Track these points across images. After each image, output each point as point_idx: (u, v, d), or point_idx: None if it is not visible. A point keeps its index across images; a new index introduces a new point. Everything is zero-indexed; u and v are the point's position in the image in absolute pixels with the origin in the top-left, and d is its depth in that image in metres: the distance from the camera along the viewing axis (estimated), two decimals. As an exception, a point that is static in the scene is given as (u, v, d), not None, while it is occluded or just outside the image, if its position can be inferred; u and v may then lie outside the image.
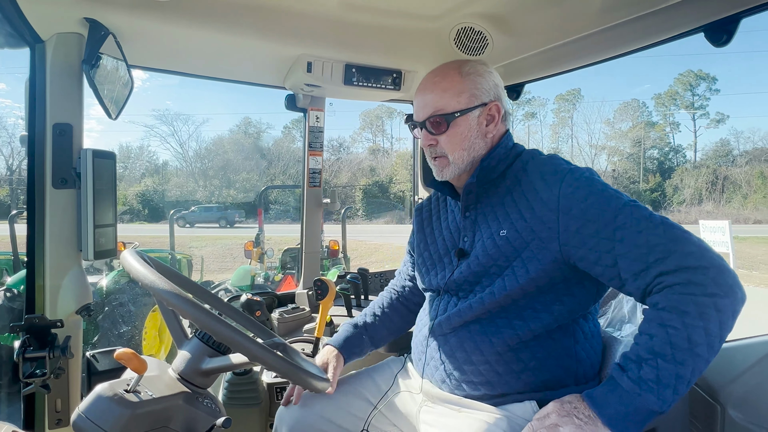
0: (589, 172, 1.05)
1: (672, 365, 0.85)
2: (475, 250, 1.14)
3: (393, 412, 1.27)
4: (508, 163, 1.17)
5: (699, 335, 0.84)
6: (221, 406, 0.96)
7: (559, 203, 1.02)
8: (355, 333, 1.41)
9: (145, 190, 34.76)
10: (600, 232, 0.96)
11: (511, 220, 1.08)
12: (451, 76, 1.16)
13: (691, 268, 0.87)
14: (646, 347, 0.88)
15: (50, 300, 1.42)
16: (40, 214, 1.41)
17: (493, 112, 1.17)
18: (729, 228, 13.25)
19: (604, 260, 0.96)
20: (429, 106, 1.16)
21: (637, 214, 0.95)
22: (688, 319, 0.85)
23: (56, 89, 1.38)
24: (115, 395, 0.74)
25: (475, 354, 1.10)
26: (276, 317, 1.92)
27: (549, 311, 1.06)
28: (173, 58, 1.69)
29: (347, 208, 6.98)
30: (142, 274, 0.80)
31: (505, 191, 1.14)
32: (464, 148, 1.16)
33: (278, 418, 1.30)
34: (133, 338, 4.76)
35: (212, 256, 14.99)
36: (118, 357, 0.76)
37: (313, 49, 1.63)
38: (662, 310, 0.88)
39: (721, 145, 38.67)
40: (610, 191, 1.01)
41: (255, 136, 42.79)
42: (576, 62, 1.68)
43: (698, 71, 39.35)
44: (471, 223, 1.19)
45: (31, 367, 1.27)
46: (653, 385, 0.85)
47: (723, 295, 0.85)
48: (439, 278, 1.23)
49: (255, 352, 0.79)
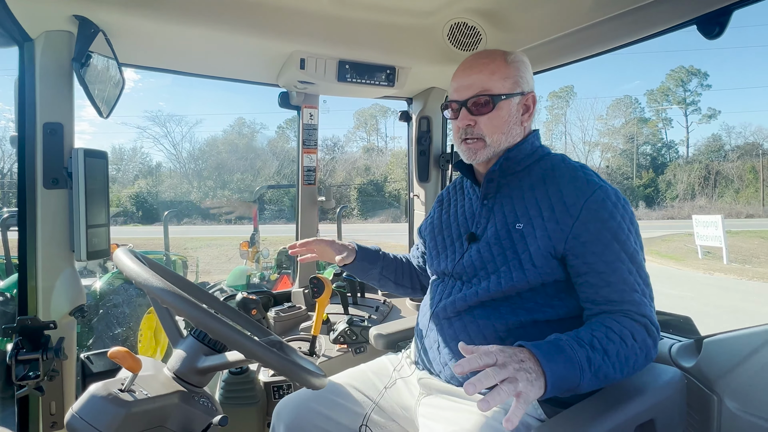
0: (616, 195, 1.09)
1: (610, 366, 0.92)
2: (487, 236, 1.16)
3: (391, 407, 1.27)
4: (534, 159, 1.19)
5: (629, 363, 0.95)
6: (218, 404, 0.95)
7: (580, 213, 1.05)
8: (374, 252, 1.53)
9: (139, 191, 34.56)
10: (602, 255, 1.03)
11: (530, 216, 1.11)
12: (499, 61, 1.18)
13: (653, 324, 1.00)
14: (601, 341, 0.93)
15: (43, 301, 1.40)
16: (32, 215, 1.39)
17: (530, 102, 1.21)
18: (722, 222, 13.37)
19: (591, 277, 1.04)
20: (475, 86, 1.17)
21: (635, 258, 1.05)
22: (636, 346, 0.96)
23: (46, 88, 1.36)
24: (110, 395, 0.73)
25: (478, 338, 1.12)
26: (272, 316, 1.91)
27: (551, 305, 1.09)
28: (164, 56, 1.67)
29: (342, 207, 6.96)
30: (135, 272, 0.79)
31: (528, 186, 1.16)
32: (503, 132, 1.17)
33: (275, 415, 1.29)
34: (128, 340, 4.72)
35: (208, 257, 14.92)
36: (112, 355, 0.75)
37: (306, 45, 1.62)
38: (623, 326, 0.97)
39: (713, 141, 39.05)
40: (625, 225, 1.06)
41: (249, 137, 42.67)
42: (570, 56, 1.68)
43: (690, 67, 39.69)
44: (488, 211, 1.20)
45: (24, 370, 1.26)
46: (595, 369, 0.90)
47: (652, 354, 1.00)
48: (448, 261, 1.25)
49: (251, 348, 0.79)
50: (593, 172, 1.15)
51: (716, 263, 12.98)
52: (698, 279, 11.11)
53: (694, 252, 14.67)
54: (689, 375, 1.26)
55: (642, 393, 1.05)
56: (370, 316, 1.99)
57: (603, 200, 1.06)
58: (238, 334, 0.77)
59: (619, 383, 1.09)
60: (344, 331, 1.73)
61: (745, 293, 9.05)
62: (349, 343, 1.73)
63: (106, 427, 0.71)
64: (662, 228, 23.29)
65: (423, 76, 1.96)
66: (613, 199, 1.07)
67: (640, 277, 1.04)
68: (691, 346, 1.32)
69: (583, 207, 1.06)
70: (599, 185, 1.08)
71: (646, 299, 1.03)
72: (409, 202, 2.38)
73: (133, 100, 61.87)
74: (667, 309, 1.53)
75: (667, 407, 1.07)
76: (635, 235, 1.08)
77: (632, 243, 1.05)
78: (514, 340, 1.07)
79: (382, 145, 45.47)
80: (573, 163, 1.17)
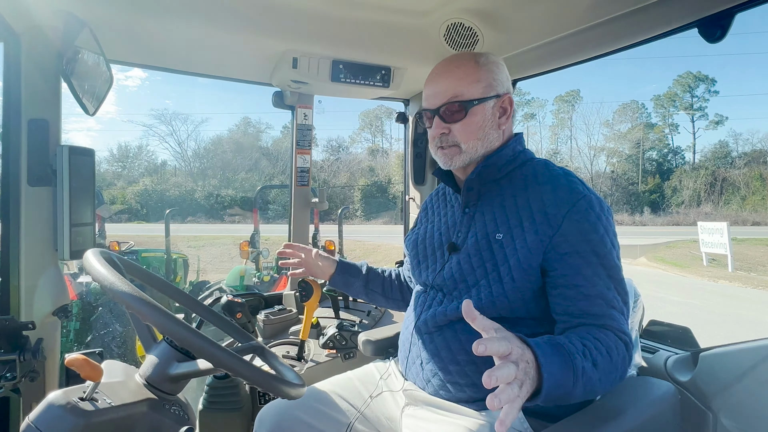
0: (599, 206, 1.04)
1: (597, 381, 0.87)
2: (467, 246, 1.12)
3: (376, 416, 1.23)
4: (515, 165, 1.15)
5: (613, 380, 0.91)
6: (191, 412, 0.92)
7: (561, 224, 1.01)
8: (356, 266, 1.52)
9: (144, 189, 34.71)
10: (581, 268, 0.99)
11: (509, 226, 1.06)
12: (468, 65, 1.13)
13: (629, 337, 0.96)
14: (591, 351, 0.88)
15: (25, 301, 1.38)
16: (15, 213, 1.36)
17: (506, 104, 1.15)
18: (727, 229, 13.27)
19: (567, 290, 0.99)
20: (444, 92, 1.13)
21: (615, 274, 1.00)
22: (618, 361, 0.92)
23: (31, 84, 1.34)
24: (68, 404, 0.69)
25: (461, 354, 1.07)
26: (262, 319, 1.88)
27: (535, 319, 1.05)
28: (153, 53, 1.64)
29: (344, 208, 6.93)
30: (101, 275, 0.76)
31: (509, 194, 1.11)
32: (478, 138, 1.13)
33: (258, 422, 1.26)
34: (126, 340, 4.71)
35: (210, 255, 14.94)
36: (68, 363, 0.72)
37: (299, 44, 1.59)
38: (609, 340, 0.92)
39: (719, 147, 38.76)
40: (608, 239, 1.01)
41: (254, 136, 42.79)
42: (569, 58, 1.64)
43: (697, 73, 39.45)
44: (469, 220, 1.16)
45: (2, 371, 1.23)
46: (582, 378, 0.84)
47: (626, 373, 0.96)
48: (429, 272, 1.21)
49: (219, 357, 0.75)
50: (578, 179, 1.10)
51: (721, 271, 12.86)
52: (702, 287, 11.00)
53: (699, 259, 14.55)
54: (684, 389, 1.22)
55: (633, 407, 1.02)
56: (361, 320, 1.95)
57: (586, 211, 1.01)
58: (204, 341, 0.74)
59: (609, 396, 1.06)
60: (334, 335, 1.69)
61: (750, 302, 8.95)
62: (338, 348, 1.70)
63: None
64: (667, 234, 23.12)
65: (419, 77, 1.91)
66: (597, 210, 1.03)
67: (618, 293, 0.99)
68: (687, 359, 1.28)
69: (564, 217, 1.01)
70: (583, 194, 1.03)
71: (624, 317, 0.99)
72: (405, 206, 2.34)
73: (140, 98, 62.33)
74: (669, 316, 1.49)
75: (660, 423, 1.03)
76: (617, 249, 1.04)
77: (613, 258, 1.01)
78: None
79: (387, 146, 45.47)
80: (556, 170, 1.12)
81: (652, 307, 1.55)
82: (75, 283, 4.98)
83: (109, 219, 10.19)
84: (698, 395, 1.19)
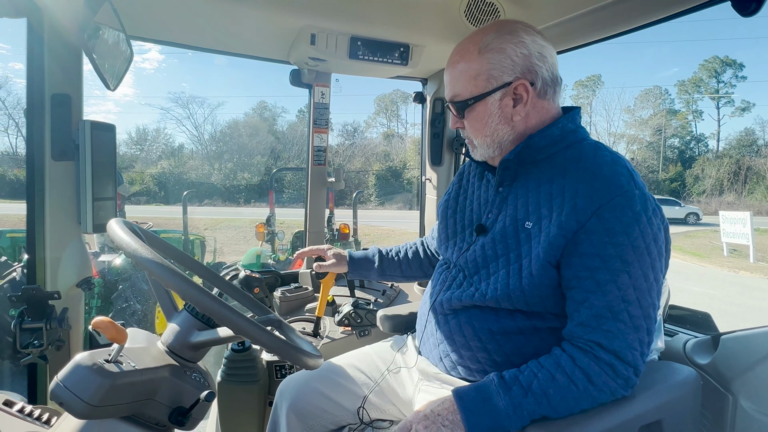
0: (642, 204, 0.92)
1: (549, 409, 0.88)
2: (494, 231, 1.06)
3: (391, 391, 1.25)
4: (562, 146, 1.03)
5: (582, 404, 0.89)
6: (211, 380, 0.94)
7: (589, 220, 0.91)
8: (368, 255, 1.51)
9: (162, 172, 35.17)
10: (596, 272, 0.90)
11: (540, 215, 0.98)
12: (469, 54, 1.04)
13: (623, 361, 0.89)
14: (542, 383, 0.89)
15: (51, 273, 1.42)
16: (40, 186, 1.40)
17: (520, 91, 1.02)
18: (750, 219, 12.91)
19: (576, 293, 0.93)
20: (449, 88, 1.10)
21: (639, 284, 0.90)
22: (592, 388, 0.88)
23: (54, 58, 1.35)
24: (95, 365, 0.72)
25: (473, 340, 1.06)
26: (278, 296, 1.90)
27: (555, 314, 1.00)
28: (173, 29, 1.65)
29: (359, 192, 6.94)
30: (125, 242, 0.78)
31: (547, 178, 1.01)
32: (486, 134, 1.06)
33: (279, 394, 1.29)
34: (146, 317, 4.83)
35: (226, 237, 15.14)
36: (95, 325, 0.74)
37: (317, 20, 1.57)
38: (576, 365, 0.89)
39: (745, 135, 37.55)
40: (643, 243, 0.90)
41: (270, 120, 42.87)
42: (594, 35, 1.59)
43: (725, 57, 38.04)
44: (501, 201, 1.09)
45: (30, 338, 1.27)
46: (525, 415, 0.88)
47: (622, 392, 0.91)
48: (455, 250, 1.17)
49: (239, 324, 0.76)
50: (628, 169, 0.96)
51: (742, 261, 12.59)
52: (722, 277, 10.79)
53: (720, 249, 14.24)
54: (703, 372, 1.20)
55: (649, 392, 1.00)
56: (376, 299, 1.97)
57: (622, 208, 0.90)
58: (225, 309, 0.75)
59: None
60: (349, 313, 1.71)
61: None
62: (353, 325, 1.71)
63: (90, 397, 0.70)
64: (687, 223, 22.64)
65: (438, 55, 1.89)
66: (637, 209, 0.90)
67: (640, 305, 0.89)
68: (707, 342, 1.26)
69: (594, 214, 0.91)
70: (624, 189, 0.91)
71: (636, 333, 0.89)
72: (421, 186, 2.33)
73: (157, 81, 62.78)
74: (687, 305, 1.46)
75: (677, 408, 1.01)
76: (656, 254, 0.91)
77: (645, 266, 0.90)
78: (511, 345, 1.02)
79: (402, 131, 45.17)
80: (605, 156, 0.99)
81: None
82: (96, 261, 5.10)
83: (128, 200, 10.37)
84: (718, 378, 1.18)
